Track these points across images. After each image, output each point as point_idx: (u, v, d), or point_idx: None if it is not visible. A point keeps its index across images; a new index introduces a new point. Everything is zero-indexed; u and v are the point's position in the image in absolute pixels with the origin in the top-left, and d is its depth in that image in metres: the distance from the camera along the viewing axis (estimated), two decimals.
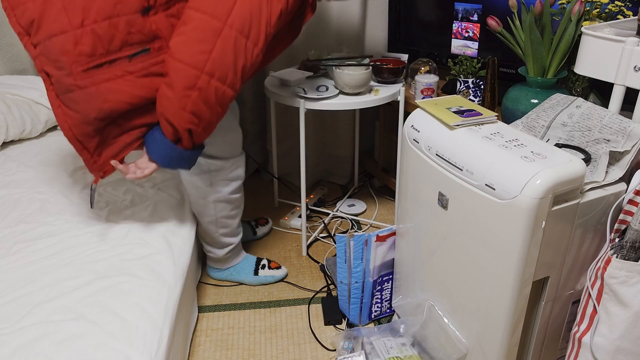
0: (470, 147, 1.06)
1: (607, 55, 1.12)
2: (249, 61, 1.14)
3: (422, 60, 1.85)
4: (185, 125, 1.16)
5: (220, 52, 1.10)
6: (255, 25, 1.12)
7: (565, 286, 1.09)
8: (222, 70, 1.12)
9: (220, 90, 1.14)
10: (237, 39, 1.11)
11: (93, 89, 1.15)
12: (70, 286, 1.18)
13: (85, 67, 1.13)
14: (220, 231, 1.55)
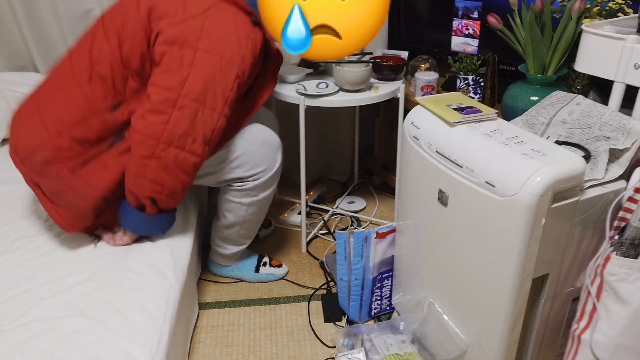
0: (470, 145, 1.06)
1: (607, 53, 1.12)
2: (210, 127, 1.19)
3: (422, 58, 1.85)
4: (146, 193, 1.21)
5: (176, 122, 1.15)
6: (210, 92, 1.17)
7: (565, 283, 1.09)
8: (180, 138, 1.16)
9: (179, 157, 1.18)
10: (193, 108, 1.16)
11: (82, 184, 1.21)
12: (71, 282, 1.18)
13: (71, 169, 1.22)
14: (242, 232, 1.55)
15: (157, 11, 1.18)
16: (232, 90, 1.19)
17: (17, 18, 1.99)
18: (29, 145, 1.21)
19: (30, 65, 2.12)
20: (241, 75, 1.19)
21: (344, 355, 1.34)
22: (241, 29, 1.18)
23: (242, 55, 1.18)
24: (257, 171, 1.41)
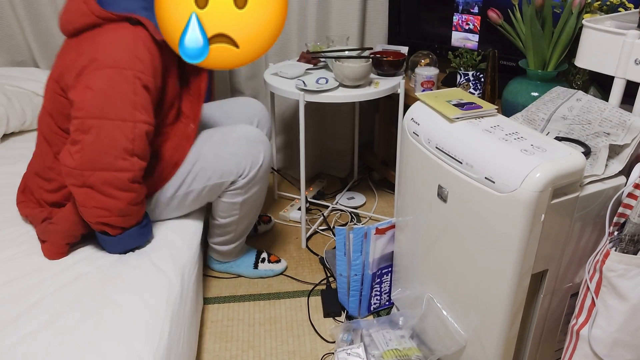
0: (470, 140, 1.06)
1: (608, 48, 1.11)
2: (127, 137, 1.16)
3: (422, 53, 1.85)
4: (95, 219, 1.21)
5: (88, 145, 1.15)
6: (109, 104, 1.15)
7: (564, 279, 1.10)
8: (99, 160, 1.15)
9: (109, 178, 1.17)
10: (98, 126, 1.15)
11: (58, 227, 1.25)
12: (73, 277, 1.19)
13: (41, 222, 1.28)
14: (239, 229, 1.55)
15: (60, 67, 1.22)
16: (137, 93, 1.16)
17: (16, 12, 1.98)
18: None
19: (30, 60, 2.12)
20: (142, 75, 1.16)
21: (343, 350, 1.34)
22: (126, 33, 1.17)
23: (135, 55, 1.15)
24: (242, 169, 1.40)
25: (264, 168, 1.44)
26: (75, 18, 1.20)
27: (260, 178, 1.45)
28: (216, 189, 1.41)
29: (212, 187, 1.40)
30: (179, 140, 1.35)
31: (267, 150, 1.44)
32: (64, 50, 1.25)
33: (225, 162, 1.38)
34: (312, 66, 1.81)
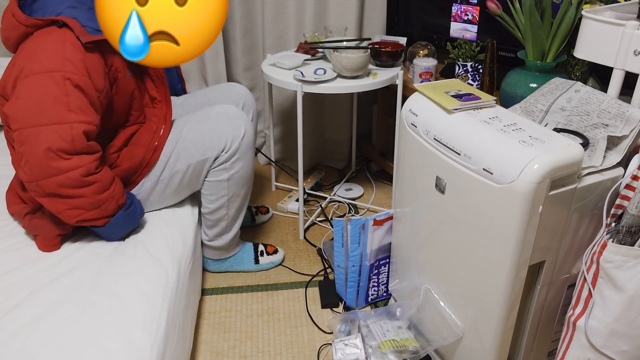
0: (469, 132, 1.05)
1: (607, 39, 1.11)
2: (65, 139, 1.13)
3: (420, 44, 1.84)
4: (73, 220, 1.21)
5: (28, 156, 1.13)
6: (39, 111, 1.12)
7: (561, 270, 1.10)
8: (44, 167, 1.13)
9: (62, 181, 1.15)
10: (33, 134, 1.12)
11: (45, 220, 1.26)
12: (70, 267, 1.19)
13: (24, 217, 1.30)
14: (230, 213, 1.54)
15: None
16: (69, 94, 1.14)
17: None
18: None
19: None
20: (72, 76, 1.14)
21: (340, 341, 1.35)
22: (53, 37, 1.15)
23: (63, 56, 1.14)
24: (224, 143, 1.40)
25: (246, 141, 1.44)
26: (10, 32, 1.20)
27: (243, 152, 1.45)
28: (200, 166, 1.41)
29: (196, 165, 1.40)
30: (157, 125, 1.37)
31: (248, 124, 1.45)
32: (8, 65, 1.24)
33: (206, 137, 1.39)
34: (310, 57, 1.80)
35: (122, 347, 0.99)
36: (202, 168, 1.42)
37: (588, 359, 1.01)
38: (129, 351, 0.98)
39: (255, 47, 2.15)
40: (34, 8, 1.21)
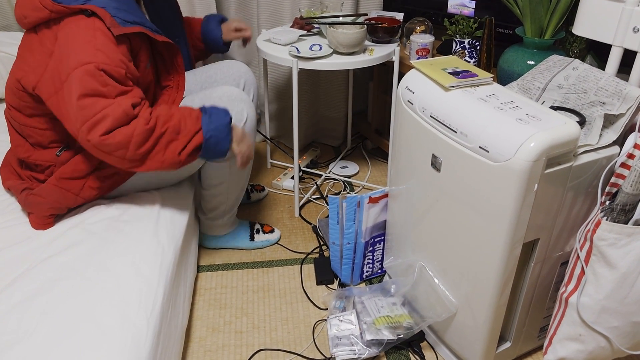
0: (465, 109, 1.05)
1: (606, 16, 1.10)
2: (118, 116, 1.13)
3: (417, 20, 1.81)
4: (176, 159, 1.21)
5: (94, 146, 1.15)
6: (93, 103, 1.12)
7: (555, 248, 1.11)
8: (116, 152, 1.16)
9: (132, 146, 1.16)
10: (86, 128, 1.13)
11: (41, 198, 1.26)
12: (66, 245, 1.19)
13: (21, 192, 1.29)
14: (230, 194, 1.54)
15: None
16: (107, 84, 1.13)
17: None
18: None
19: (14, 25, 2.06)
20: (106, 66, 1.13)
21: (335, 317, 1.36)
22: (83, 28, 1.14)
23: (95, 46, 1.13)
24: None
25: (249, 125, 1.42)
26: (30, 12, 1.17)
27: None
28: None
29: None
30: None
31: (250, 107, 1.43)
32: (26, 46, 1.22)
33: None
34: (305, 32, 1.77)
35: (118, 323, 0.99)
36: None
37: (579, 334, 1.03)
38: (125, 328, 0.99)
39: (249, 23, 2.11)
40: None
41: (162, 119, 1.18)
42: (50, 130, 1.27)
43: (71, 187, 1.27)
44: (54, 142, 1.29)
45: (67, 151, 1.29)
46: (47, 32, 1.18)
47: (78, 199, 1.29)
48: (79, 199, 1.29)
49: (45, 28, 1.18)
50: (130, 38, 1.20)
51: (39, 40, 1.19)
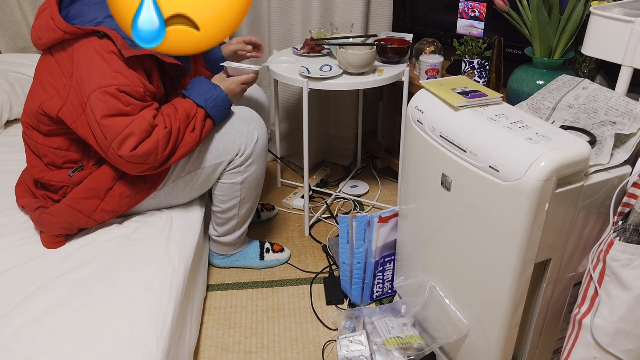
0: (475, 129, 1.05)
1: (616, 36, 1.10)
2: (142, 131, 1.21)
3: (427, 40, 1.83)
4: (195, 140, 1.31)
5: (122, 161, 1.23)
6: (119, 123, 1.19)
7: (567, 268, 1.10)
8: (142, 164, 1.25)
9: (155, 153, 1.24)
10: (115, 145, 1.21)
11: (53, 218, 1.29)
12: (78, 262, 1.20)
13: (34, 210, 1.31)
14: (241, 213, 1.55)
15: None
16: (130, 103, 1.19)
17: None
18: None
19: (32, 47, 2.11)
20: (126, 87, 1.18)
21: (345, 338, 1.35)
22: (96, 50, 1.18)
23: (113, 69, 1.18)
24: (238, 147, 1.41)
25: (260, 145, 1.44)
26: (44, 33, 1.21)
27: (258, 156, 1.45)
28: (213, 170, 1.41)
29: (209, 168, 1.41)
30: None
31: (262, 127, 1.45)
32: (44, 67, 1.26)
33: (219, 141, 1.39)
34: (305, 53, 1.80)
35: (127, 341, 1.00)
36: (214, 171, 1.42)
37: (594, 357, 1.01)
38: (134, 346, 0.99)
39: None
40: (71, 13, 1.22)
41: (172, 116, 1.27)
42: (65, 150, 1.30)
43: (84, 208, 1.29)
44: (68, 162, 1.31)
45: (79, 172, 1.31)
46: (63, 53, 1.21)
47: (89, 220, 1.31)
48: (90, 220, 1.31)
49: (61, 49, 1.21)
50: (142, 59, 1.23)
51: (56, 61, 1.22)
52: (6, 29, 2.05)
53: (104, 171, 1.30)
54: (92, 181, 1.29)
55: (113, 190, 1.31)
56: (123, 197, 1.33)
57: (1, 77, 1.81)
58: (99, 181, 1.30)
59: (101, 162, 1.32)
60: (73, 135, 1.28)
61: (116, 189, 1.31)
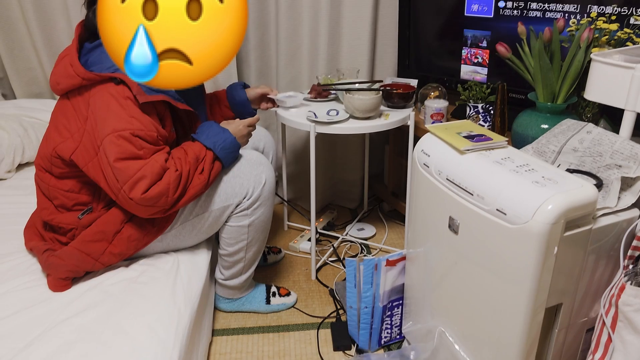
0: (481, 172, 1.06)
1: (617, 82, 1.12)
2: (158, 167, 1.24)
3: (431, 86, 1.87)
4: (203, 184, 1.33)
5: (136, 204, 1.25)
6: (131, 166, 1.22)
7: (579, 313, 1.08)
8: (159, 205, 1.27)
9: (168, 194, 1.26)
10: (127, 188, 1.23)
11: (61, 261, 1.29)
12: (84, 306, 1.19)
13: (43, 253, 1.32)
14: (248, 256, 1.54)
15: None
16: (143, 147, 1.22)
17: (35, 46, 2.05)
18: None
19: (47, 92, 2.17)
20: (140, 132, 1.21)
21: None
22: (112, 96, 1.21)
23: (129, 114, 1.21)
24: (246, 190, 1.42)
25: (268, 188, 1.45)
26: (63, 79, 1.26)
27: (265, 199, 1.46)
28: (220, 213, 1.42)
29: (217, 211, 1.41)
30: None
31: (269, 171, 1.47)
32: (60, 111, 1.30)
33: (228, 184, 1.40)
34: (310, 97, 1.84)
35: None
36: (222, 214, 1.43)
37: None
38: None
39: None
40: (90, 60, 1.26)
41: (182, 159, 1.29)
42: (76, 193, 1.32)
43: (92, 251, 1.29)
44: (78, 204, 1.32)
45: (89, 214, 1.32)
46: (79, 98, 1.25)
47: (97, 264, 1.31)
48: (97, 264, 1.31)
49: (77, 94, 1.25)
50: (156, 105, 1.26)
51: (72, 105, 1.26)
52: (23, 76, 2.11)
53: (112, 214, 1.31)
54: (101, 224, 1.30)
55: (121, 233, 1.32)
56: (131, 240, 1.33)
57: (15, 122, 1.86)
58: (108, 224, 1.31)
59: (110, 205, 1.33)
60: (84, 178, 1.29)
61: (124, 232, 1.32)
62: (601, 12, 1.44)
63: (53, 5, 1.99)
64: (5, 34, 2.03)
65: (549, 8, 1.56)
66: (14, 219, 1.53)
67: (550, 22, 1.54)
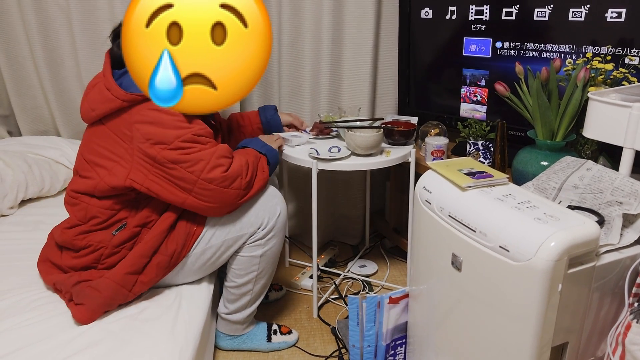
0: (483, 209, 1.06)
1: (615, 120, 1.14)
2: (222, 166, 1.33)
3: (432, 123, 1.89)
4: (263, 180, 1.44)
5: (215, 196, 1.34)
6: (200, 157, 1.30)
7: (586, 352, 1.06)
8: (230, 197, 1.36)
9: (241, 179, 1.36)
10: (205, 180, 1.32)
11: (99, 292, 1.30)
12: (84, 344, 1.17)
13: (73, 286, 1.32)
14: (255, 289, 1.54)
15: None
16: (201, 141, 1.30)
17: (43, 85, 2.09)
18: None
19: (52, 130, 2.20)
20: (199, 130, 1.30)
21: None
22: (164, 112, 1.27)
23: (181, 119, 1.28)
24: (261, 220, 1.44)
25: (281, 219, 1.48)
26: (99, 105, 1.29)
27: (279, 230, 1.48)
28: (233, 242, 1.43)
29: (231, 241, 1.42)
30: None
31: (283, 203, 1.50)
32: (95, 139, 1.33)
33: (243, 214, 1.42)
34: (314, 135, 1.86)
35: None
36: (234, 244, 1.44)
37: None
38: None
39: None
40: (124, 84, 1.30)
41: (241, 153, 1.41)
42: (116, 211, 1.34)
43: (126, 283, 1.31)
44: (115, 221, 1.35)
45: (122, 231, 1.34)
46: (118, 120, 1.28)
47: (129, 295, 1.32)
48: (130, 294, 1.32)
49: (115, 118, 1.29)
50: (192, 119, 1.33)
51: (111, 130, 1.29)
52: (29, 113, 2.15)
53: (146, 244, 1.33)
54: (136, 256, 1.32)
55: (152, 262, 1.34)
56: (160, 267, 1.35)
57: (20, 159, 1.88)
58: (142, 257, 1.33)
59: (144, 225, 1.36)
60: (126, 196, 1.33)
61: (154, 260, 1.34)
62: (596, 52, 1.48)
63: (61, 45, 2.04)
64: (13, 72, 2.08)
65: (545, 48, 1.60)
66: (14, 255, 1.53)
67: (547, 62, 1.57)
